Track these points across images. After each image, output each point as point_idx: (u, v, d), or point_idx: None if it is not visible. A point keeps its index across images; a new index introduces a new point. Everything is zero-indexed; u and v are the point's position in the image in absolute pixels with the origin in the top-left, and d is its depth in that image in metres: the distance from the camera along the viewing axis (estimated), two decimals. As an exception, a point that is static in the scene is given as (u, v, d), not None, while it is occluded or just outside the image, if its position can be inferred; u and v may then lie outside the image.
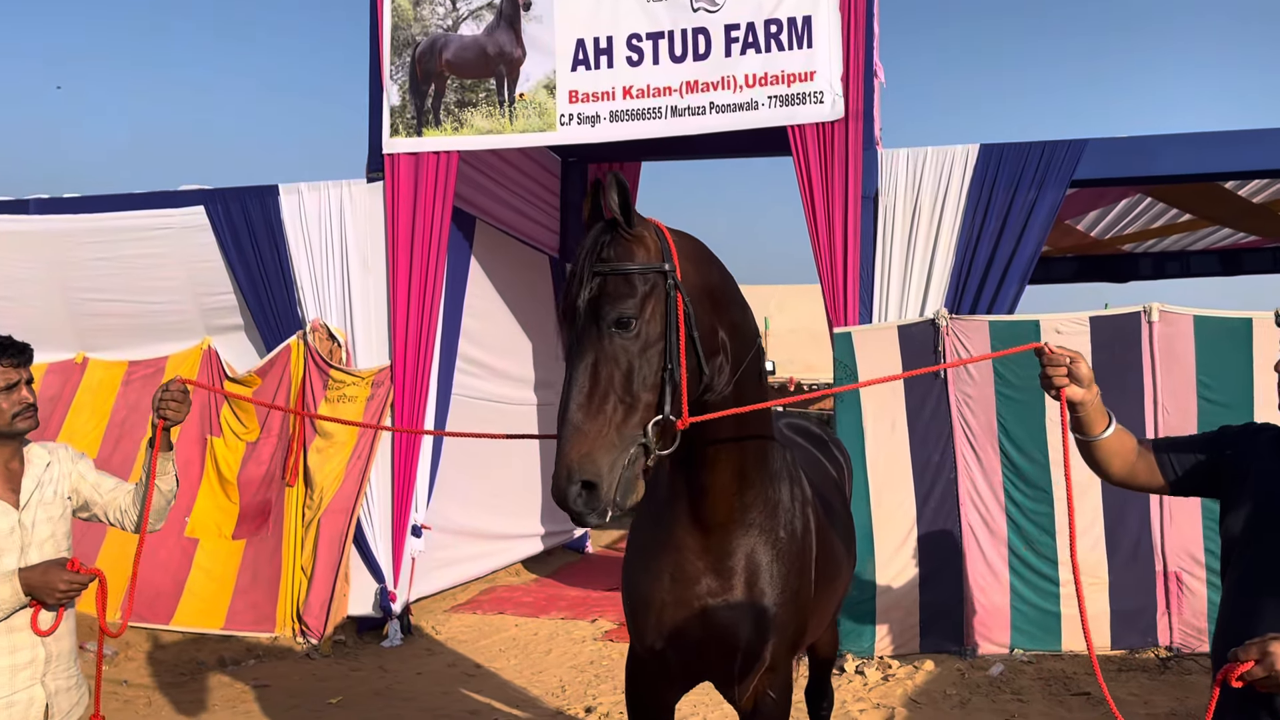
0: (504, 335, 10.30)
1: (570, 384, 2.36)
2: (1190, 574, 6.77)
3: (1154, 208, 9.43)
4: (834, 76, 7.39)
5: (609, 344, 2.38)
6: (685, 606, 3.01)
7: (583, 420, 2.30)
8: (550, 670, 7.07)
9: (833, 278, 7.31)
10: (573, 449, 2.27)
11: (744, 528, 3.00)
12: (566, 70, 7.83)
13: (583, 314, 2.40)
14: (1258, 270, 11.69)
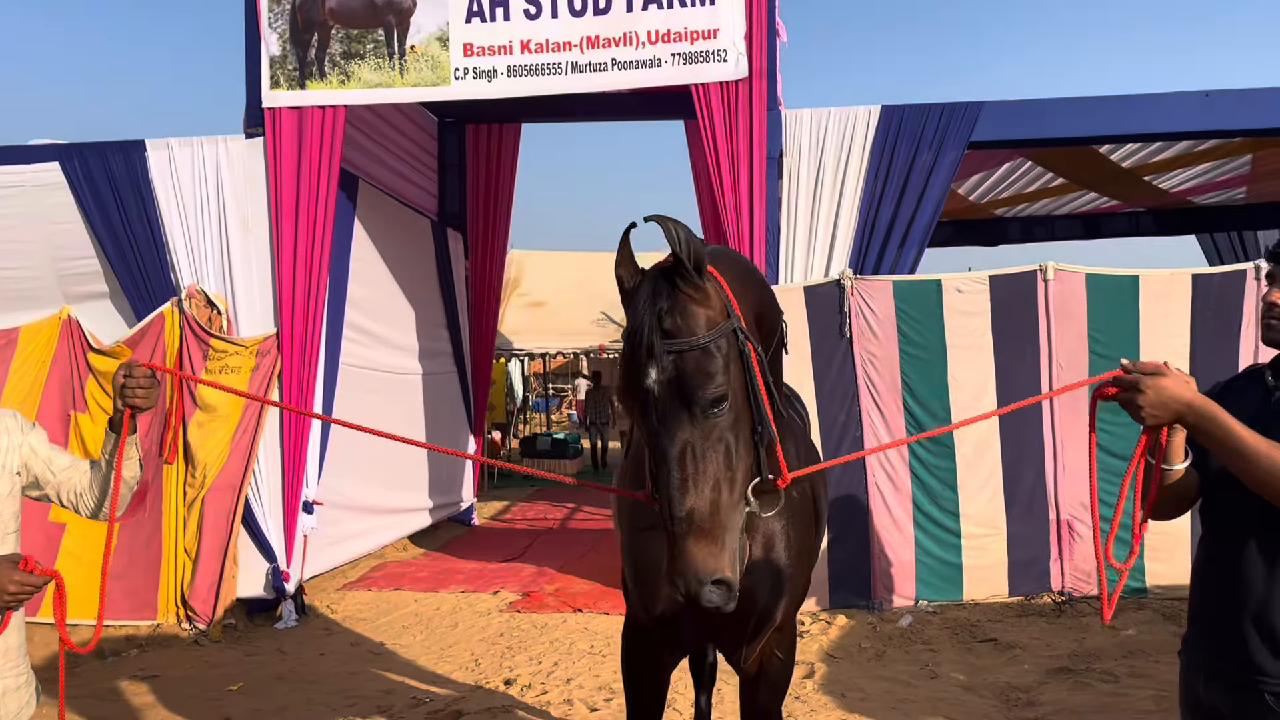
0: (389, 302, 9.90)
1: (669, 476, 2.12)
2: (1081, 522, 7.08)
3: (1031, 172, 9.79)
4: (737, 35, 7.32)
5: (703, 427, 2.16)
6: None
7: (698, 516, 2.10)
8: (460, 645, 6.86)
9: (739, 239, 7.25)
10: (698, 552, 2.07)
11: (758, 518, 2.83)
12: (460, 22, 7.51)
13: (663, 397, 2.15)
14: (1115, 234, 12.35)
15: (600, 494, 14.98)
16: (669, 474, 2.12)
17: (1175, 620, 6.73)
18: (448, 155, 12.05)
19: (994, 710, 5.42)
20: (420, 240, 10.91)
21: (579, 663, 6.38)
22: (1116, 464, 7.04)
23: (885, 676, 5.99)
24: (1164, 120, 7.10)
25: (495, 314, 12.61)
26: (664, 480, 2.12)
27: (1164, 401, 2.04)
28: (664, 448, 2.14)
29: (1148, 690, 5.57)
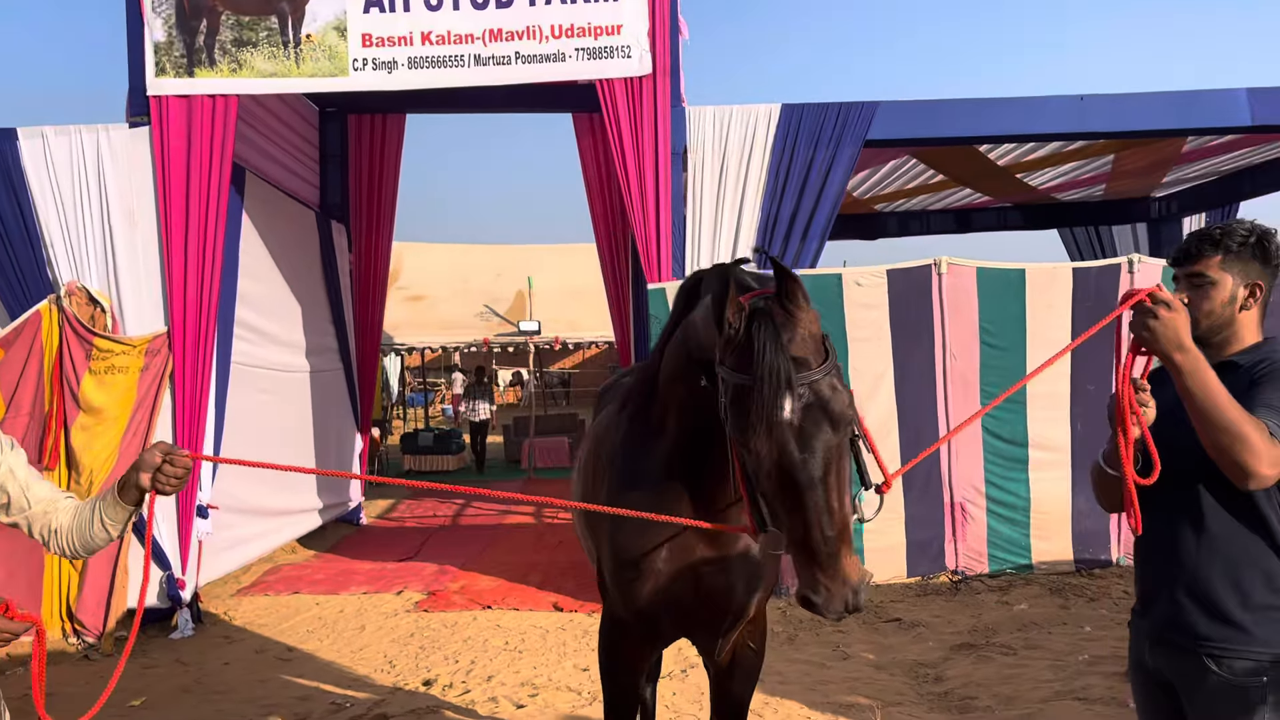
0: (277, 298, 9.60)
1: (819, 499, 2.18)
2: (973, 503, 7.43)
3: (913, 169, 10.19)
4: (640, 31, 7.39)
5: (842, 448, 2.27)
6: (683, 575, 2.94)
7: (848, 534, 2.21)
8: (371, 647, 6.74)
9: (645, 234, 7.33)
10: (850, 565, 2.19)
11: (739, 509, 2.79)
12: (358, 12, 7.34)
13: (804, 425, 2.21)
14: (985, 228, 12.96)
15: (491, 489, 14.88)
16: (819, 497, 2.18)
17: (1061, 594, 7.15)
18: (329, 145, 11.75)
19: (906, 687, 5.66)
20: (305, 233, 10.61)
21: (496, 660, 6.36)
22: (1005, 448, 7.43)
23: (799, 659, 6.17)
24: (1043, 122, 7.51)
25: (381, 309, 12.36)
26: (812, 503, 2.18)
27: (1169, 334, 2.17)
28: (811, 473, 2.19)
29: (1044, 660, 5.92)
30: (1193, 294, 2.42)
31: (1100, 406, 7.68)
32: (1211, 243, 2.42)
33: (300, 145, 10.99)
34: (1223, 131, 7.98)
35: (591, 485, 3.32)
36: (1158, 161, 9.87)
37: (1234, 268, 2.39)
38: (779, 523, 2.26)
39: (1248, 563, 2.31)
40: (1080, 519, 7.52)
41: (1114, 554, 7.63)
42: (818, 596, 2.18)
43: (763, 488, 2.29)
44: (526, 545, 10.28)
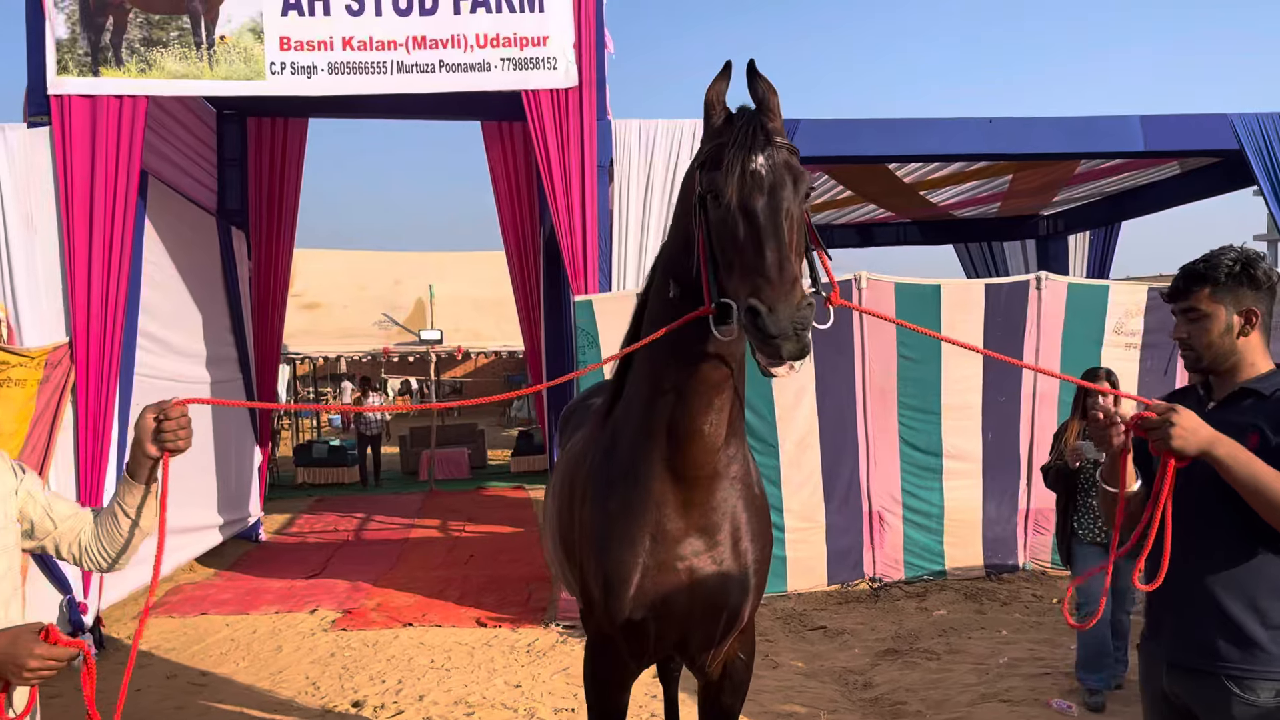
0: (179, 307, 9.24)
1: (778, 232, 2.33)
2: (890, 512, 7.64)
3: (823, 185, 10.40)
4: (566, 44, 7.38)
5: (800, 217, 2.43)
6: (669, 570, 2.86)
7: (792, 270, 2.31)
8: (291, 668, 6.52)
9: (572, 246, 7.32)
10: (799, 285, 2.28)
11: (727, 480, 2.87)
12: (276, 14, 7.13)
13: (776, 175, 2.40)
14: (885, 242, 13.34)
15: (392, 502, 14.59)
16: (773, 230, 2.32)
17: (975, 599, 7.40)
18: (228, 149, 11.38)
19: (837, 694, 5.78)
20: (206, 240, 10.25)
21: (425, 679, 6.24)
22: (921, 458, 7.66)
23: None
24: (955, 143, 7.78)
25: (281, 318, 12.01)
26: (771, 236, 2.32)
27: (1193, 437, 2.24)
28: (773, 213, 2.35)
29: (967, 664, 6.12)
30: (1190, 328, 2.50)
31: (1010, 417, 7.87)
32: (1198, 277, 2.49)
33: (198, 148, 10.61)
34: (1117, 155, 8.40)
35: (569, 508, 3.26)
36: (1051, 182, 10.33)
37: (1225, 298, 2.46)
38: (732, 285, 2.36)
39: (1267, 588, 2.36)
40: (990, 526, 7.80)
41: (1020, 559, 7.95)
42: (764, 303, 2.23)
43: (723, 245, 2.41)
44: (437, 560, 10.11)
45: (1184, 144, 7.98)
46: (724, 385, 2.74)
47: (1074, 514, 5.44)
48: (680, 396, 2.74)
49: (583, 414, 4.08)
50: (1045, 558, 7.96)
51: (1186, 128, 7.86)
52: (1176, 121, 7.86)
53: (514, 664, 6.47)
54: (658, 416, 2.80)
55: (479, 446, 19.04)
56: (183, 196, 9.59)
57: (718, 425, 2.78)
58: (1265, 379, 2.46)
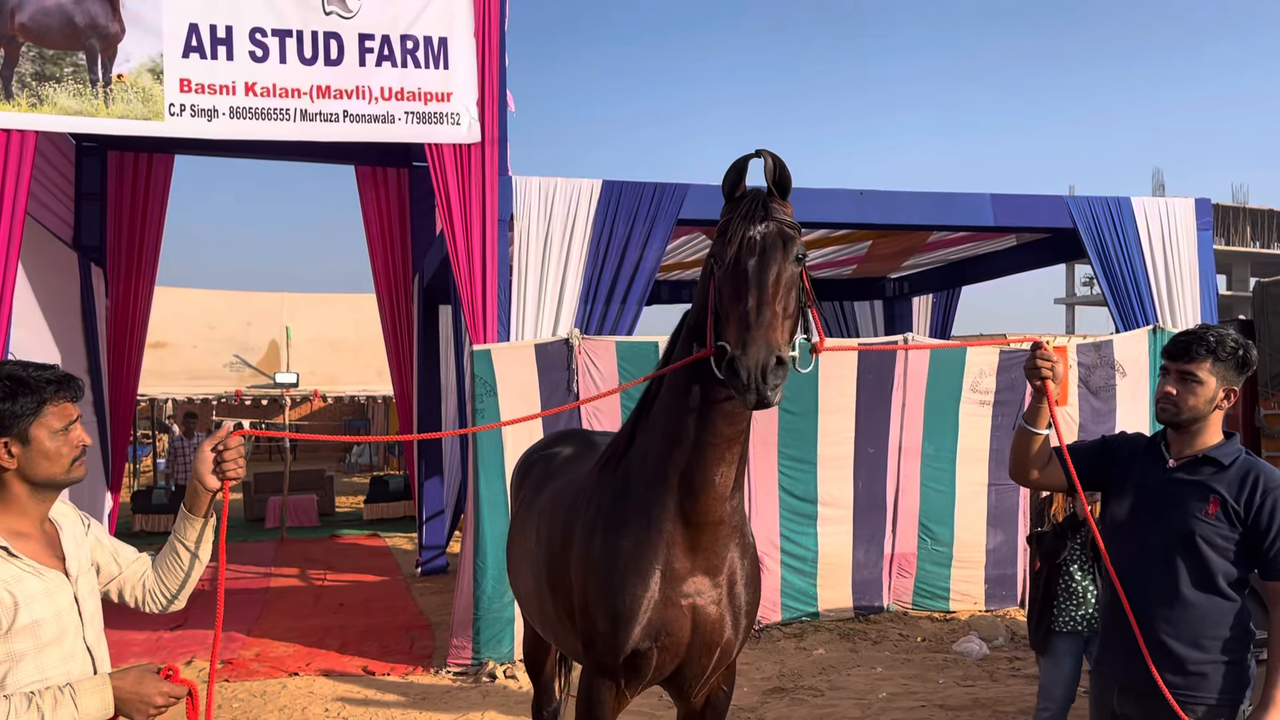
0: (41, 346, 8.84)
1: (761, 286, 2.67)
2: (769, 557, 8.05)
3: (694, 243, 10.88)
4: (470, 101, 7.61)
5: (792, 279, 2.76)
6: (674, 606, 3.12)
7: (772, 317, 2.64)
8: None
9: (471, 296, 7.48)
10: (773, 333, 2.61)
11: (729, 527, 3.16)
12: (177, 56, 7.08)
13: (767, 242, 2.74)
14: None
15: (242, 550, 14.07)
16: (759, 284, 2.67)
17: (849, 639, 7.88)
18: (86, 183, 11.05)
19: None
20: (67, 276, 9.87)
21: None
22: (797, 504, 8.13)
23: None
24: (829, 212, 8.38)
25: (138, 358, 11.62)
26: (756, 290, 2.66)
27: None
28: (762, 271, 2.70)
29: (849, 700, 6.54)
30: (1181, 388, 2.84)
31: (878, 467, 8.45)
32: (1207, 348, 2.82)
33: (56, 180, 10.25)
34: (970, 229, 9.21)
35: (564, 547, 3.45)
36: (906, 249, 11.15)
37: (1219, 372, 2.82)
38: (725, 331, 2.69)
39: (1209, 626, 2.77)
40: (859, 569, 8.34)
41: (885, 600, 8.50)
42: (737, 350, 2.58)
43: (720, 299, 2.77)
44: (307, 609, 9.90)
45: (1027, 221, 8.85)
46: (737, 440, 3.03)
47: (1056, 598, 4.83)
48: (697, 449, 3.01)
49: (546, 462, 4.30)
50: (907, 599, 8.55)
51: (1030, 206, 8.73)
52: (1021, 200, 8.72)
53: (411, 711, 6.50)
54: (673, 467, 3.07)
55: (328, 493, 18.57)
56: (45, 229, 9.23)
57: (727, 477, 3.07)
58: (1222, 449, 2.84)
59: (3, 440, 2.26)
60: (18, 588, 2.23)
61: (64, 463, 2.33)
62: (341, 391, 16.54)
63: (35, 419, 2.29)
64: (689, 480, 3.05)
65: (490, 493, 7.36)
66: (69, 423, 2.35)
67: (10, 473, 2.28)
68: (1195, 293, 8.87)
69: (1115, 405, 8.51)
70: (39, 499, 2.34)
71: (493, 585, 7.28)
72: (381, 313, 12.60)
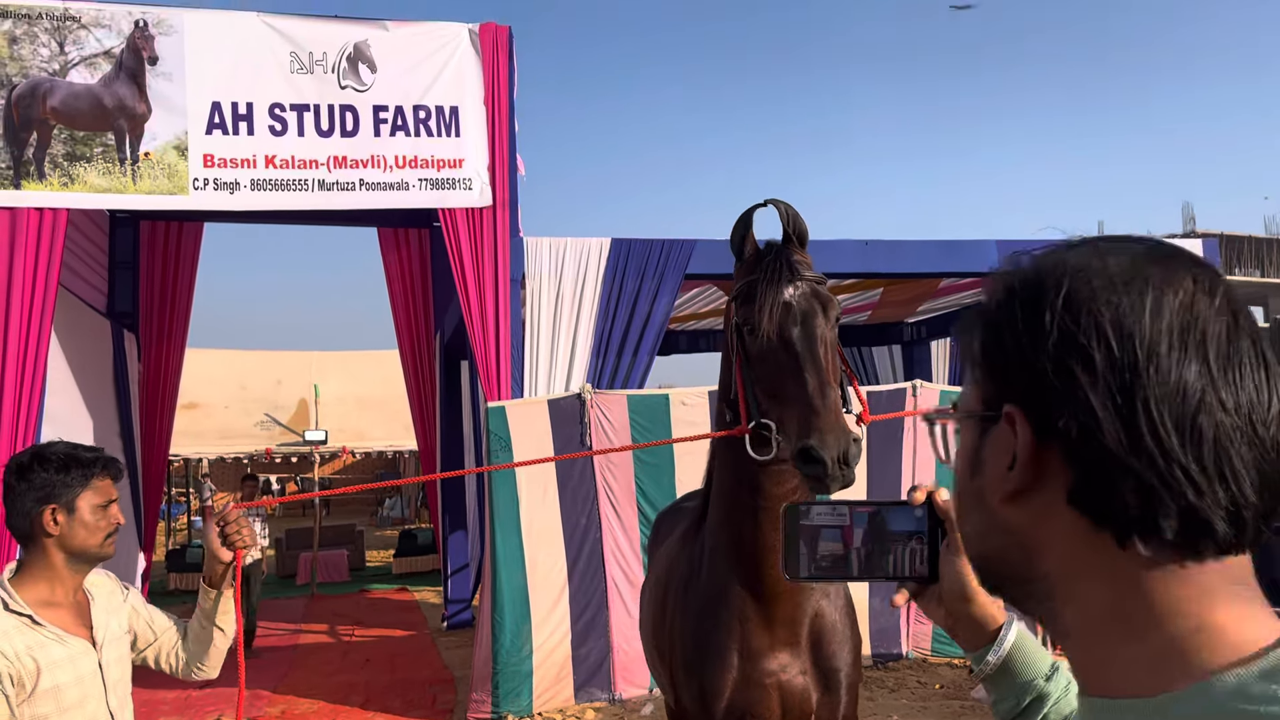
0: (75, 413, 9.14)
1: (817, 362, 2.49)
2: (785, 605, 8.11)
3: (709, 294, 11.09)
4: (481, 166, 7.87)
5: (830, 336, 2.59)
6: (757, 686, 2.88)
7: (836, 398, 2.46)
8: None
9: (485, 355, 7.68)
10: (841, 416, 2.43)
11: (805, 592, 2.90)
12: (200, 133, 7.41)
13: (805, 306, 2.58)
14: (764, 347, 14.17)
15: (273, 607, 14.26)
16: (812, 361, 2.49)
17: (867, 687, 7.89)
18: (119, 252, 11.42)
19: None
20: (99, 344, 10.19)
21: (345, 784, 6.31)
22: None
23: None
24: (835, 262, 8.53)
25: (170, 422, 11.93)
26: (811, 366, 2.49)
27: None
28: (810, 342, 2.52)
29: (864, 747, 6.57)
30: None
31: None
32: None
33: (91, 250, 10.62)
34: (976, 275, 9.34)
35: (662, 614, 3.31)
36: (917, 295, 11.28)
37: None
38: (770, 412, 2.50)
39: None
40: (876, 618, 8.36)
41: (904, 648, 8.52)
42: (815, 439, 2.36)
43: (760, 374, 2.57)
44: (333, 666, 10.05)
45: (1033, 266, 8.95)
46: (790, 499, 2.70)
47: None
48: (751, 514, 2.80)
49: (674, 516, 4.10)
50: (926, 646, 8.56)
51: (1035, 252, 8.84)
52: (1027, 246, 8.83)
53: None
54: (732, 534, 2.90)
55: (358, 547, 18.78)
56: (78, 299, 9.58)
57: None
58: None
59: (51, 506, 2.46)
60: (41, 654, 2.40)
61: (100, 536, 2.52)
62: (370, 447, 16.82)
63: (82, 491, 2.50)
64: (751, 549, 2.84)
65: (506, 548, 7.50)
66: (109, 500, 2.56)
67: (52, 540, 2.47)
68: (1204, 332, 8.91)
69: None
70: (73, 569, 2.52)
71: (510, 639, 7.39)
72: (405, 369, 12.86)
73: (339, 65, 7.64)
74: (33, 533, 2.47)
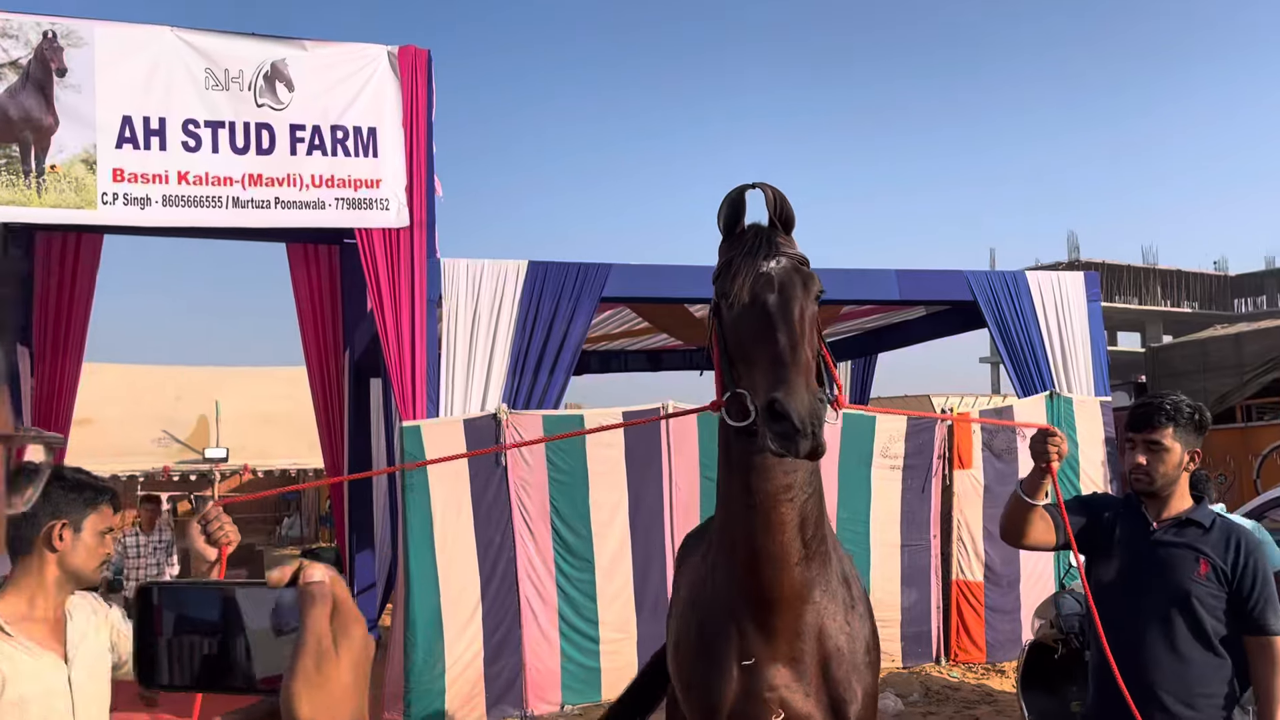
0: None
1: (789, 323, 2.42)
2: (694, 621, 8.30)
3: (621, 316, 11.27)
4: (398, 187, 7.93)
5: (812, 316, 2.52)
6: (758, 701, 2.77)
7: (807, 359, 2.38)
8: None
9: (401, 375, 7.72)
10: (811, 376, 2.35)
11: (809, 604, 2.76)
12: (110, 146, 7.30)
13: (785, 277, 2.51)
14: (673, 368, 14.41)
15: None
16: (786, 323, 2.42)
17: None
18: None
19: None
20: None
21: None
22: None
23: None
24: (746, 287, 8.81)
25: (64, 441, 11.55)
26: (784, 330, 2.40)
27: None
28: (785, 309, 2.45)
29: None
30: (1150, 457, 2.98)
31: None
32: (1166, 415, 2.97)
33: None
34: (877, 303, 9.73)
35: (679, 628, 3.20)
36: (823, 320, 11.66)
37: (1181, 437, 2.96)
38: (743, 378, 2.43)
39: (1206, 682, 2.89)
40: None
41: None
42: (781, 392, 2.26)
43: (734, 342, 2.51)
44: (237, 687, 9.86)
45: (930, 295, 9.39)
46: (781, 498, 2.64)
47: None
48: (743, 513, 2.69)
49: (699, 538, 3.78)
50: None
51: (932, 281, 9.28)
52: (923, 275, 9.27)
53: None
54: (732, 539, 2.78)
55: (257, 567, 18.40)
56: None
57: (785, 544, 2.67)
58: (1199, 512, 3.00)
59: (61, 521, 2.53)
60: (7, 665, 2.45)
61: (96, 561, 2.61)
62: (273, 465, 16.52)
63: (89, 514, 2.58)
64: (744, 553, 2.72)
65: (420, 566, 7.53)
66: (109, 529, 2.65)
67: (54, 555, 2.54)
68: (1088, 360, 9.45)
69: (1017, 467, 8.99)
70: (61, 588, 2.59)
71: (423, 658, 7.42)
72: (312, 386, 12.71)
73: (255, 83, 7.62)
74: (36, 545, 2.52)
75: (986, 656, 9.00)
